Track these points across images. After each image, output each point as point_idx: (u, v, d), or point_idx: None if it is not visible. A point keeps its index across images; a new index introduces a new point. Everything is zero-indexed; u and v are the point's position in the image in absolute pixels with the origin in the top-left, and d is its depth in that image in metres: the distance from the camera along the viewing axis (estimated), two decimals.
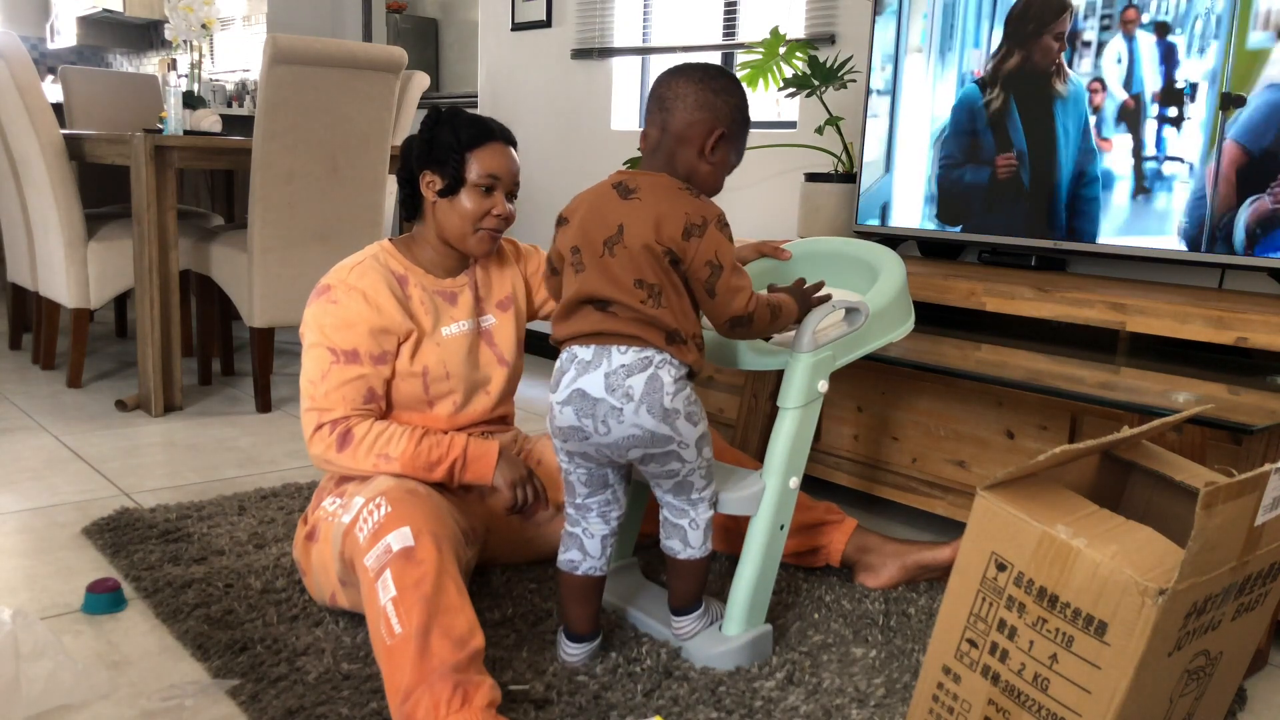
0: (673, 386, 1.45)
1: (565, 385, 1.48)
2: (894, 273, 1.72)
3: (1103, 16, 2.22)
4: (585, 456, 1.52)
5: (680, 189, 1.48)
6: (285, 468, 2.54)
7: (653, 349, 1.45)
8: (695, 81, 1.51)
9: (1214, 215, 2.10)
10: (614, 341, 1.45)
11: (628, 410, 1.44)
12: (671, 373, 1.45)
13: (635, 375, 1.44)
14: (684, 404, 1.46)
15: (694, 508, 1.58)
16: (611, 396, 1.44)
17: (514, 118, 4.11)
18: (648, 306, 1.44)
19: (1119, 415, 1.80)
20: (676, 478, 1.53)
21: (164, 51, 6.18)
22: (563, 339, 1.51)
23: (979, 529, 1.27)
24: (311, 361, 1.67)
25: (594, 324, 1.46)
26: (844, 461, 2.37)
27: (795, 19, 3.13)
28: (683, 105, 1.50)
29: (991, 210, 2.43)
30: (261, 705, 1.44)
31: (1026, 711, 1.23)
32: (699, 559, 1.60)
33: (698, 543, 1.59)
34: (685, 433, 1.48)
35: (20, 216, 3.33)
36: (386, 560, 1.40)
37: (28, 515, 2.16)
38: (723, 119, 1.51)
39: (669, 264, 1.45)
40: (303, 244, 2.96)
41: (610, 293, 1.45)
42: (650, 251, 1.44)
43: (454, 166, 1.68)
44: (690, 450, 1.50)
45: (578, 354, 1.48)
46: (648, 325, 1.45)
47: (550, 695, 1.49)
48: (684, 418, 1.47)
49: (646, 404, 1.44)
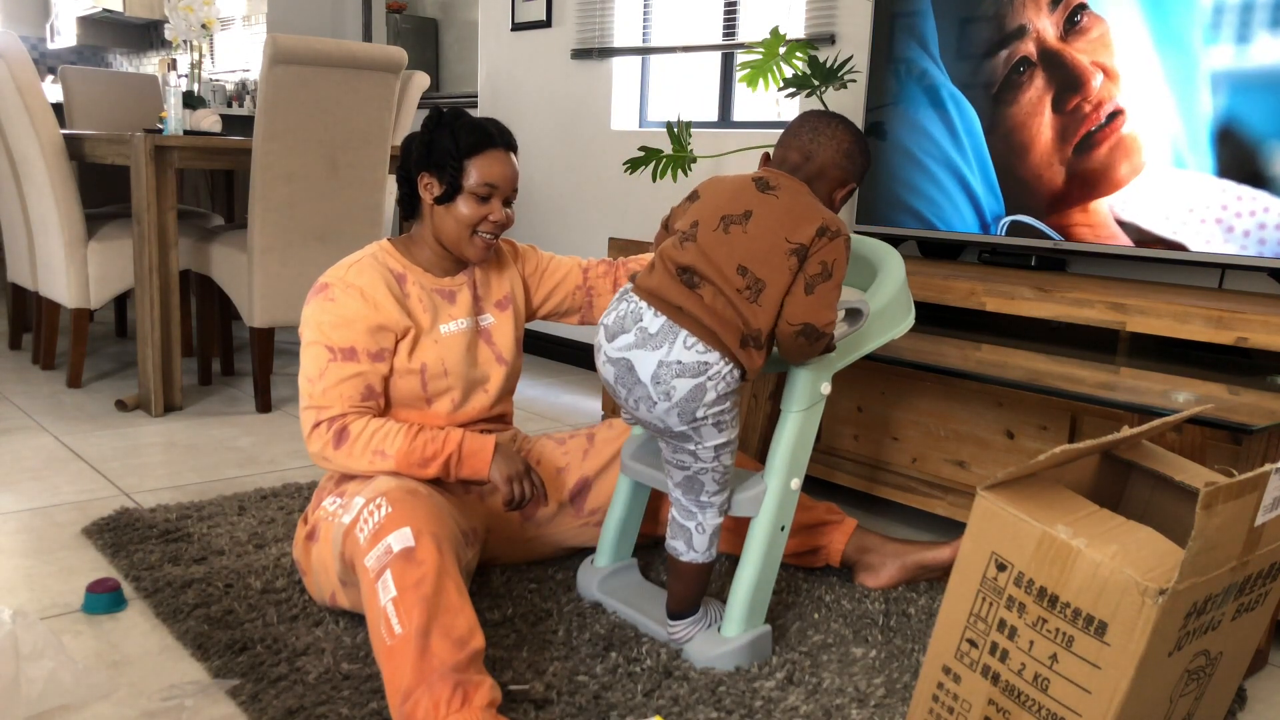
0: (713, 399, 1.45)
1: (619, 346, 1.47)
2: (894, 269, 1.72)
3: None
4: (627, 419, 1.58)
5: (818, 201, 1.53)
6: (285, 468, 2.54)
7: (716, 354, 1.43)
8: (851, 134, 1.59)
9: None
10: (687, 327, 1.44)
11: (660, 406, 1.46)
12: (719, 388, 1.45)
13: (684, 379, 1.43)
14: (715, 414, 1.47)
15: (702, 511, 1.58)
16: (654, 388, 1.45)
17: (514, 118, 4.11)
18: (742, 297, 1.44)
19: (1119, 415, 1.80)
20: (687, 470, 1.54)
21: (164, 51, 6.18)
22: (640, 287, 1.50)
23: (979, 529, 1.27)
24: (309, 359, 1.68)
25: (677, 295, 1.46)
26: (844, 461, 2.37)
27: (795, 19, 3.13)
28: (835, 146, 1.57)
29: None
30: (261, 705, 1.44)
31: (1026, 711, 1.23)
32: (701, 563, 1.60)
33: (701, 547, 1.59)
34: (706, 436, 1.49)
35: (20, 216, 3.33)
36: (387, 561, 1.40)
37: (28, 515, 2.16)
38: (856, 177, 1.60)
39: (795, 260, 1.45)
40: (303, 244, 2.96)
41: (707, 270, 1.45)
42: (775, 245, 1.45)
43: (452, 173, 1.68)
44: (706, 451, 1.51)
45: (644, 318, 1.46)
46: (728, 323, 1.44)
47: (550, 695, 1.49)
48: (711, 424, 1.48)
49: (679, 409, 1.45)
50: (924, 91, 2.55)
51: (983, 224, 2.48)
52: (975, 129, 2.46)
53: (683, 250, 1.48)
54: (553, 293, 1.94)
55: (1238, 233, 2.10)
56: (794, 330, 1.46)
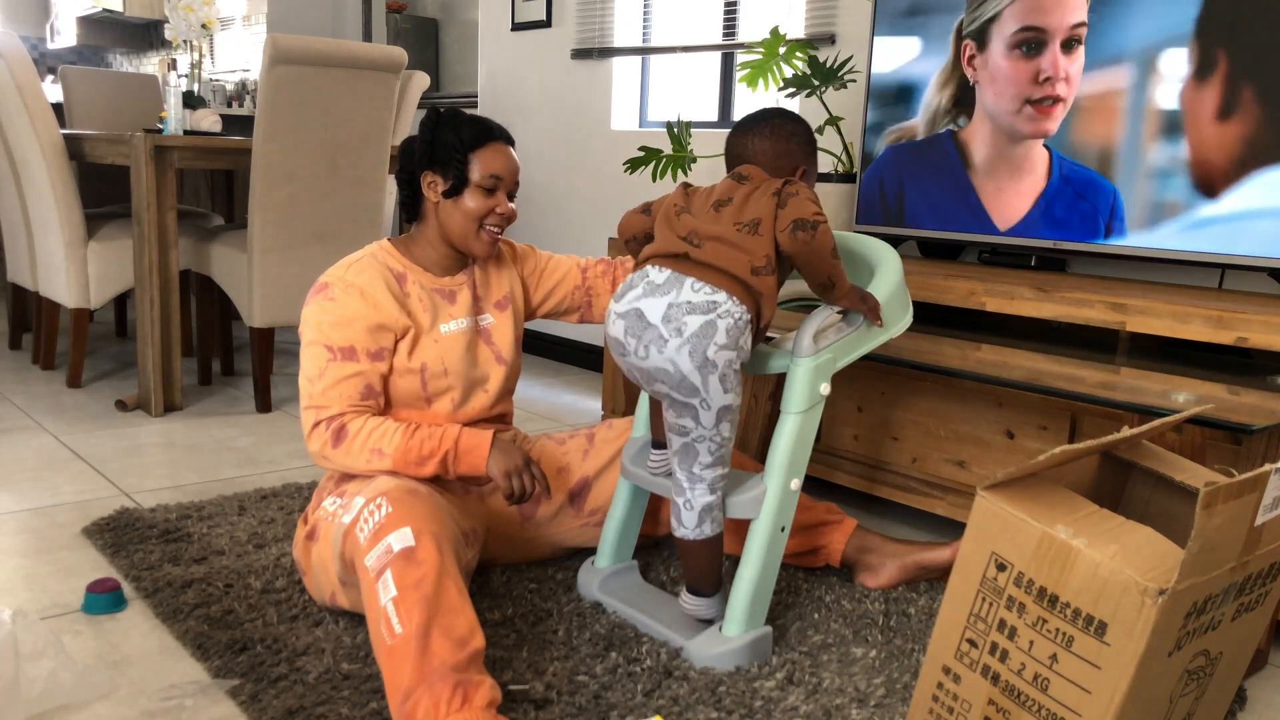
0: (724, 339, 1.48)
1: (629, 300, 1.54)
2: (891, 268, 1.72)
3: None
4: (635, 380, 1.59)
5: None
6: (285, 468, 2.54)
7: (724, 293, 1.49)
8: (766, 136, 1.64)
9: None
10: (692, 273, 1.51)
11: (671, 344, 1.48)
12: (729, 328, 1.48)
13: (695, 314, 1.48)
14: (724, 363, 1.49)
15: (692, 486, 1.59)
16: (665, 327, 1.49)
17: (514, 118, 4.11)
18: (742, 235, 1.51)
19: (1119, 415, 1.80)
20: (686, 436, 1.55)
21: (164, 51, 6.18)
22: (642, 259, 1.58)
23: (979, 529, 1.27)
24: (309, 359, 1.68)
25: (678, 248, 1.54)
26: (844, 461, 2.37)
27: (795, 19, 3.13)
28: (762, 158, 1.63)
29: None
30: (261, 705, 1.44)
31: (1026, 711, 1.23)
32: (692, 540, 1.61)
33: (690, 523, 1.60)
34: (713, 393, 1.50)
35: (20, 216, 3.33)
36: (387, 560, 1.40)
37: (28, 515, 2.16)
38: (797, 155, 1.65)
39: (775, 204, 1.53)
40: (303, 244, 2.96)
41: (709, 231, 1.53)
42: (761, 206, 1.53)
43: (457, 167, 1.68)
44: (709, 414, 1.52)
45: (650, 274, 1.54)
46: (734, 260, 1.50)
47: (550, 695, 1.49)
48: (718, 377, 1.49)
49: (690, 345, 1.47)
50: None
51: (984, 225, 2.48)
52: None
53: (679, 222, 1.57)
54: (552, 292, 1.94)
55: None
56: (788, 231, 1.52)
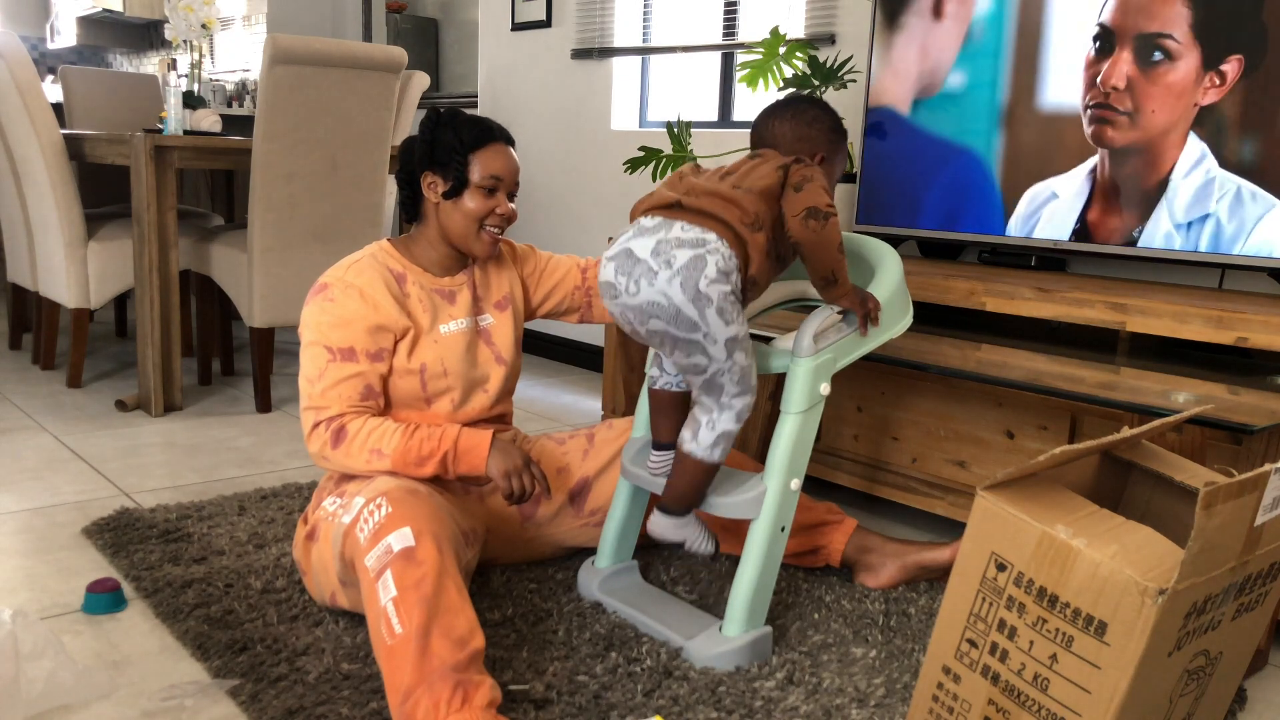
0: (715, 274, 1.48)
1: (619, 244, 1.55)
2: (891, 268, 1.72)
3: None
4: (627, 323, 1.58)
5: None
6: (285, 468, 2.54)
7: (714, 235, 1.50)
8: (790, 120, 1.66)
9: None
10: (682, 217, 1.52)
11: (661, 276, 1.48)
12: (719, 263, 1.48)
13: (684, 249, 1.49)
14: (719, 296, 1.48)
15: (720, 411, 1.59)
16: (654, 260, 1.50)
17: (514, 118, 4.11)
18: (733, 190, 1.52)
19: (1119, 415, 1.80)
20: (704, 374, 1.55)
21: (164, 51, 6.18)
22: (634, 216, 1.59)
23: (979, 529, 1.27)
24: (309, 360, 1.68)
25: (670, 200, 1.56)
26: (844, 461, 2.37)
27: (795, 19, 3.13)
28: (782, 141, 1.66)
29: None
30: (261, 705, 1.44)
31: (1026, 711, 1.23)
32: (699, 459, 1.60)
33: (706, 442, 1.59)
34: (714, 326, 1.49)
35: (20, 216, 3.33)
36: (387, 561, 1.40)
37: (28, 515, 2.16)
38: (820, 144, 1.66)
39: (779, 181, 1.54)
40: (302, 244, 2.96)
41: (704, 188, 1.54)
42: (764, 171, 1.55)
43: (457, 168, 1.68)
44: (718, 348, 1.51)
45: (641, 221, 1.56)
46: (724, 208, 1.51)
47: (550, 695, 1.49)
48: (715, 310, 1.48)
49: (681, 277, 1.47)
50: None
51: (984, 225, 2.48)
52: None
53: (681, 184, 1.59)
54: (552, 292, 1.94)
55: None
56: (800, 218, 1.52)
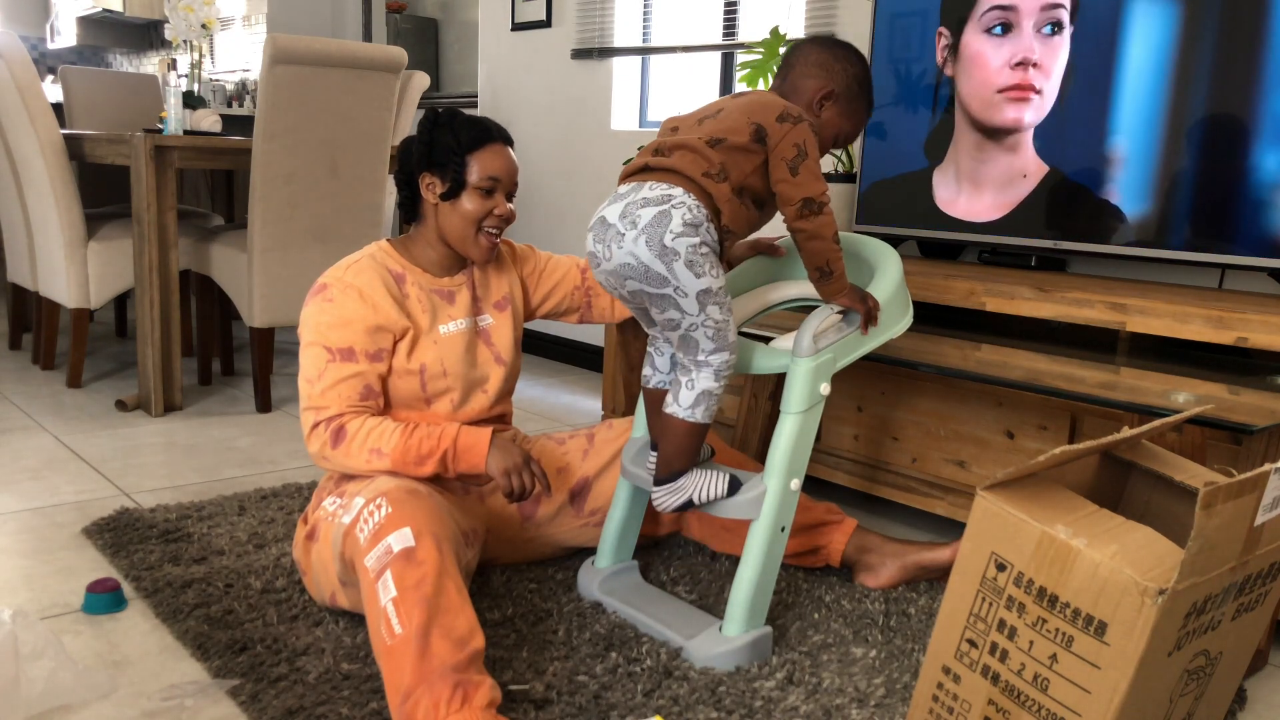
0: (679, 228, 1.48)
1: (597, 214, 1.57)
2: (891, 268, 1.72)
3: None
4: (612, 289, 1.60)
5: (783, 98, 1.59)
6: (285, 468, 2.54)
7: (680, 189, 1.51)
8: (820, 46, 1.67)
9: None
10: (650, 178, 1.54)
11: (628, 237, 1.50)
12: (684, 216, 1.49)
13: (649, 208, 1.50)
14: (686, 249, 1.48)
15: (697, 370, 1.58)
16: (621, 222, 1.51)
17: (514, 118, 4.11)
18: (705, 146, 1.52)
19: (1119, 415, 1.80)
20: (679, 329, 1.55)
21: (164, 51, 6.18)
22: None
23: (979, 529, 1.27)
24: (308, 360, 1.68)
25: (642, 164, 1.57)
26: (844, 461, 2.37)
27: (795, 19, 3.13)
28: (803, 62, 1.66)
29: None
30: (261, 705, 1.44)
31: (1026, 711, 1.23)
32: (681, 419, 1.59)
33: (685, 403, 1.59)
34: (684, 279, 1.49)
35: (20, 216, 3.33)
36: (387, 561, 1.40)
37: (28, 515, 2.16)
38: (836, 81, 1.64)
39: (753, 140, 1.52)
40: (302, 244, 2.96)
41: (676, 141, 1.55)
42: (738, 123, 1.53)
43: (455, 169, 1.68)
44: (690, 301, 1.51)
45: (618, 189, 1.57)
46: (692, 163, 1.52)
47: (550, 695, 1.49)
48: (684, 263, 1.48)
49: (646, 235, 1.48)
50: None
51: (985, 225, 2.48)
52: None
53: (665, 138, 1.60)
54: (551, 293, 1.94)
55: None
56: (795, 209, 1.53)
